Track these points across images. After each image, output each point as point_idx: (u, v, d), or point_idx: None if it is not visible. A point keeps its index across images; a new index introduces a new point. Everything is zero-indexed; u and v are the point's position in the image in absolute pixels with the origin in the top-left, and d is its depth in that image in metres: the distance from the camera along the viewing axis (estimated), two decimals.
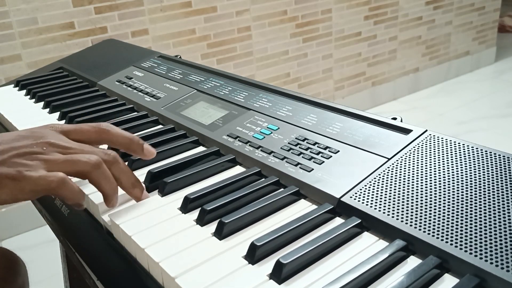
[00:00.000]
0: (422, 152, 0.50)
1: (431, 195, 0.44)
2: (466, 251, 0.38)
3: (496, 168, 0.46)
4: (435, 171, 0.47)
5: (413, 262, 0.40)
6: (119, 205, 0.50)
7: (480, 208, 0.42)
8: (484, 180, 0.45)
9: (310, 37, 2.40)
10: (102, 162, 0.48)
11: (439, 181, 0.46)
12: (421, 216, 0.42)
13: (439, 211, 0.42)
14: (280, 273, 0.38)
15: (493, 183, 0.44)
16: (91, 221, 0.52)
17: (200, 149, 0.63)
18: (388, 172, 0.48)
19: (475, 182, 0.45)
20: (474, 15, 3.06)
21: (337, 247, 0.42)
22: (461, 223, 0.40)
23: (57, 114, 0.79)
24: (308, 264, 0.40)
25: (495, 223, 0.40)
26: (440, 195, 0.44)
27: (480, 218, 0.40)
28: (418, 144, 0.51)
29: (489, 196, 0.43)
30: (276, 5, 2.24)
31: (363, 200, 0.45)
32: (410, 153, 0.50)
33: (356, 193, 0.46)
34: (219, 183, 0.51)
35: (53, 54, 1.75)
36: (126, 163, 0.58)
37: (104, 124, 0.54)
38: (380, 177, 0.48)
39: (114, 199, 0.50)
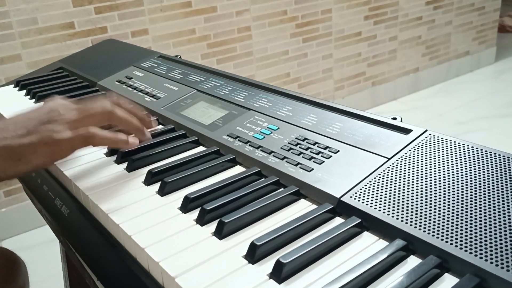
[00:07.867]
0: (422, 152, 0.50)
1: (431, 195, 0.44)
2: (466, 250, 0.38)
3: (496, 168, 0.46)
4: (435, 171, 0.47)
5: (413, 261, 0.40)
6: (119, 206, 0.50)
7: (480, 208, 0.42)
8: (484, 180, 0.45)
9: (310, 37, 2.40)
10: (114, 104, 0.56)
11: (439, 181, 0.46)
12: (421, 216, 0.42)
13: (439, 211, 0.42)
14: (280, 273, 0.38)
15: (493, 183, 0.44)
16: (91, 221, 0.52)
17: (200, 149, 0.63)
18: (388, 172, 0.48)
19: (475, 182, 0.45)
20: (474, 15, 3.06)
21: (337, 246, 0.42)
22: (461, 223, 0.40)
23: None
24: (308, 263, 0.40)
25: (495, 223, 0.40)
26: (440, 195, 0.44)
27: (480, 218, 0.40)
28: (418, 144, 0.51)
29: (489, 196, 0.43)
30: (276, 5, 2.23)
31: (363, 199, 0.45)
32: (410, 153, 0.50)
33: (356, 193, 0.46)
34: (219, 183, 0.51)
35: (53, 54, 1.75)
36: (126, 163, 0.58)
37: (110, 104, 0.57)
38: (380, 177, 0.48)
39: (145, 131, 0.60)
